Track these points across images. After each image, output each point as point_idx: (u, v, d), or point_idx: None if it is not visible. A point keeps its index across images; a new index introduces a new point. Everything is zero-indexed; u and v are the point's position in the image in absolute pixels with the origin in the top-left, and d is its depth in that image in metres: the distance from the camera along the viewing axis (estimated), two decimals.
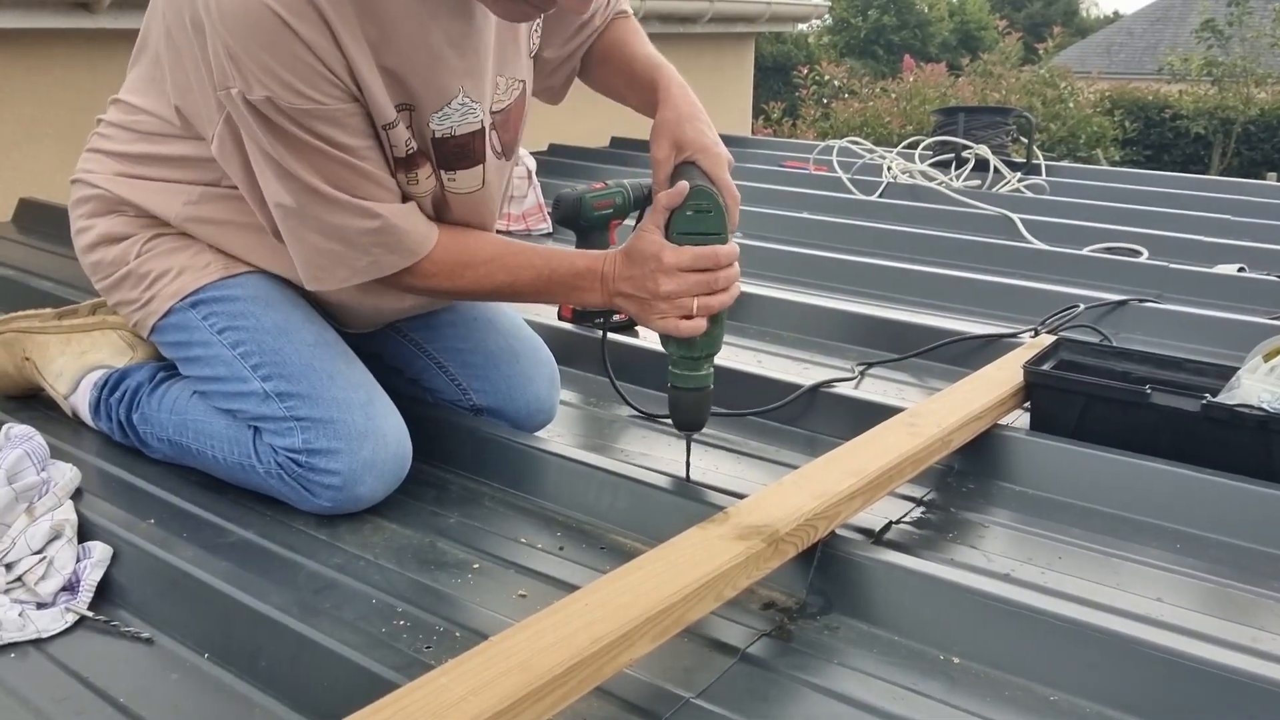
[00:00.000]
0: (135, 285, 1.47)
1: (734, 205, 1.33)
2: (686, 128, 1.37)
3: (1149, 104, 12.54)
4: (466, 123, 1.37)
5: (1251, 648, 1.09)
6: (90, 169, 1.52)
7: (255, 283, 1.43)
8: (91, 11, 2.82)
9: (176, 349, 1.47)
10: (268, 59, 1.19)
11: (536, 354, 1.62)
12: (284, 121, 1.23)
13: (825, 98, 11.04)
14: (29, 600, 1.17)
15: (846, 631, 1.13)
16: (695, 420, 1.35)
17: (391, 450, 1.37)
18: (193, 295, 1.43)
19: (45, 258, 2.56)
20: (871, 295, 2.40)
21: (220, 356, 1.40)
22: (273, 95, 1.21)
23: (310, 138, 1.25)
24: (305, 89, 1.22)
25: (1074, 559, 1.29)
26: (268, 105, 1.22)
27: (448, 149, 1.37)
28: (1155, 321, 2.11)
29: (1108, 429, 1.48)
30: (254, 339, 1.39)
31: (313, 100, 1.23)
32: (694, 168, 1.34)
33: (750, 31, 6.09)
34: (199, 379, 1.44)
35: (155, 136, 1.44)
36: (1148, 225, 2.99)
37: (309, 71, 1.21)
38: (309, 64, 1.21)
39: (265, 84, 1.20)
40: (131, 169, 1.47)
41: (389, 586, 1.19)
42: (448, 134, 1.36)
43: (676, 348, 1.31)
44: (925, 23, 23.24)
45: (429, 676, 0.87)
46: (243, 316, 1.40)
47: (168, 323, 1.45)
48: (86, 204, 1.51)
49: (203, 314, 1.42)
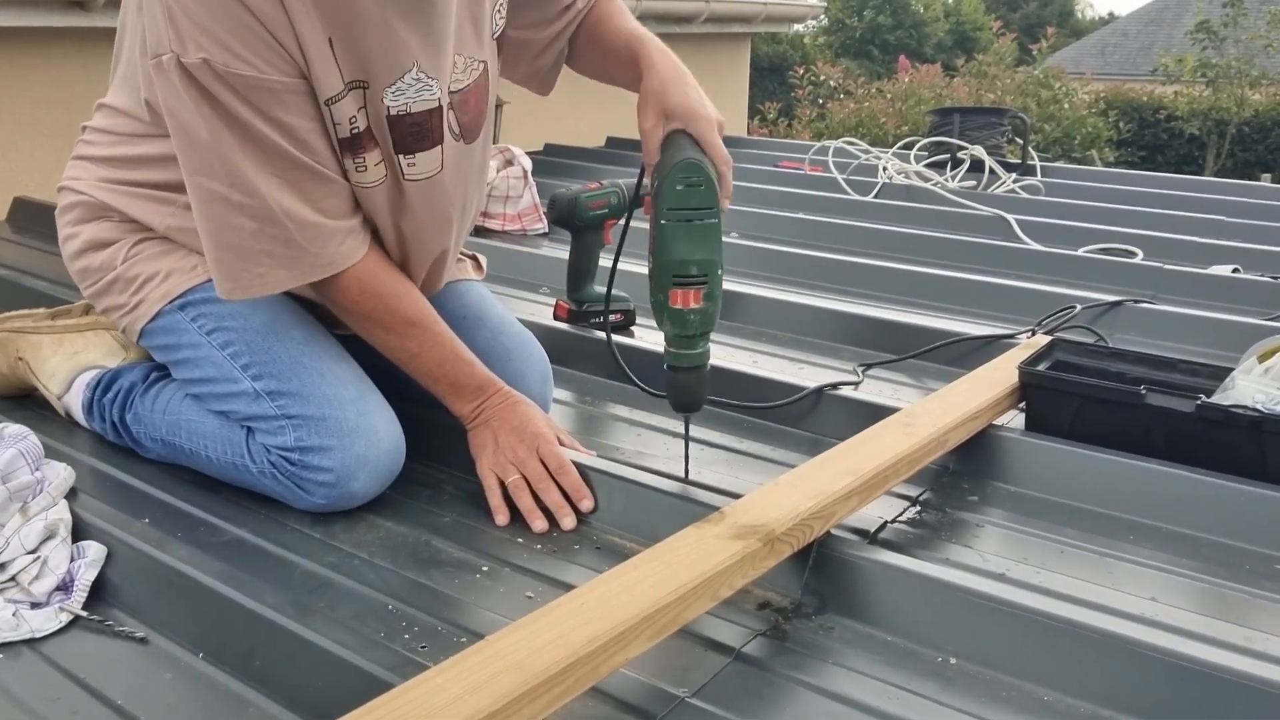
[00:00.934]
0: (123, 290, 1.47)
1: (726, 171, 1.31)
2: (672, 92, 1.34)
3: (1144, 105, 12.56)
4: (422, 99, 1.34)
5: (1245, 647, 1.09)
6: (76, 176, 1.52)
7: None
8: (86, 10, 2.81)
9: (166, 352, 1.46)
10: (207, 19, 1.15)
11: (528, 350, 1.61)
12: (221, 90, 1.18)
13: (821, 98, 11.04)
14: (23, 600, 1.17)
15: (841, 631, 1.13)
16: (693, 400, 1.33)
17: (384, 446, 1.36)
18: (181, 297, 1.43)
19: (39, 257, 2.55)
20: (867, 296, 2.40)
21: (210, 358, 1.40)
22: (209, 57, 1.16)
23: (247, 110, 1.20)
24: (247, 54, 1.17)
25: (1068, 559, 1.29)
26: (204, 70, 1.17)
27: (404, 127, 1.34)
28: (1150, 322, 2.11)
29: (1102, 429, 1.48)
30: (243, 339, 1.39)
31: (254, 68, 1.18)
32: (684, 136, 1.31)
33: (746, 32, 6.10)
34: (189, 381, 1.44)
35: (134, 138, 1.44)
36: (1142, 226, 2.99)
37: (252, 37, 1.17)
38: (253, 29, 1.17)
39: (202, 44, 1.16)
40: (114, 174, 1.47)
41: (384, 585, 1.19)
42: (403, 110, 1.33)
43: (672, 325, 1.28)
44: (920, 23, 23.27)
45: (424, 676, 0.87)
46: (231, 317, 1.40)
47: (156, 326, 1.45)
48: (73, 210, 1.51)
49: (191, 315, 1.42)
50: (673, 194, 1.25)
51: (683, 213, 1.24)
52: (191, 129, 1.22)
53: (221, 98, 1.19)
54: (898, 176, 3.59)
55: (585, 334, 1.98)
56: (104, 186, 1.48)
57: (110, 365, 1.59)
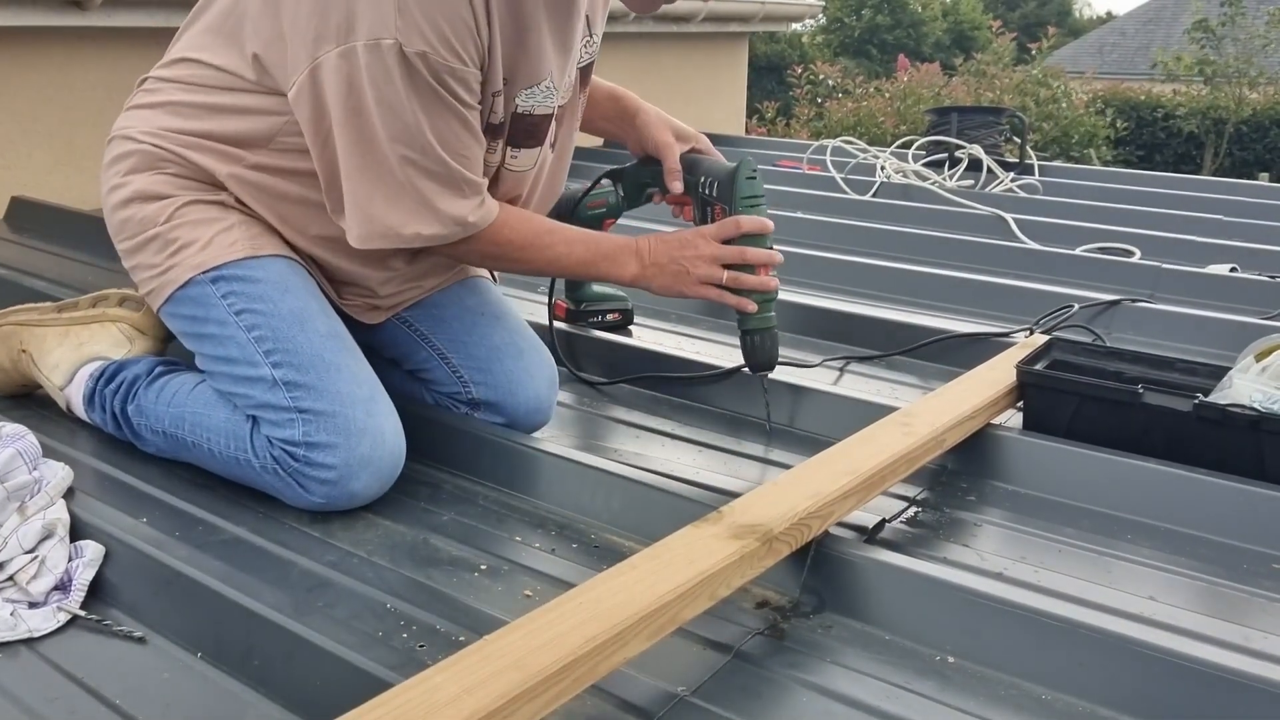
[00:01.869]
0: (160, 250, 1.45)
1: None
2: (675, 123, 1.72)
3: (1142, 104, 12.56)
4: (544, 105, 1.48)
5: (1243, 646, 1.09)
6: (133, 124, 1.49)
7: (278, 267, 1.44)
8: (83, 9, 2.81)
9: (189, 323, 1.45)
10: (439, 18, 1.28)
11: (539, 354, 1.63)
12: (426, 74, 1.30)
13: (819, 97, 11.04)
14: (21, 599, 1.17)
15: (840, 630, 1.13)
16: (769, 359, 1.60)
17: (388, 448, 1.37)
18: (215, 270, 1.42)
19: (37, 256, 2.55)
20: (865, 295, 2.41)
21: (234, 338, 1.40)
22: (429, 51, 1.28)
23: (443, 92, 1.32)
24: (460, 50, 1.31)
25: (1066, 558, 1.29)
26: (420, 59, 1.28)
27: (523, 126, 1.48)
28: (1148, 321, 2.12)
29: (1100, 429, 1.48)
30: (269, 324, 1.39)
31: (460, 60, 1.31)
32: (699, 153, 1.70)
33: (744, 31, 6.09)
34: (207, 358, 1.44)
35: (217, 89, 1.43)
36: (1140, 225, 3.00)
37: (466, 35, 1.30)
38: (469, 28, 1.30)
39: (428, 39, 1.28)
40: (183, 123, 1.46)
41: (383, 584, 1.19)
42: (528, 111, 1.47)
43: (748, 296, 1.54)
44: (919, 22, 23.26)
45: (423, 675, 0.87)
46: (261, 300, 1.40)
47: (185, 294, 1.43)
48: (126, 160, 1.48)
49: (222, 291, 1.41)
50: (745, 185, 1.56)
51: (751, 200, 1.56)
52: (396, 105, 1.31)
53: (428, 80, 1.31)
54: (896, 176, 3.59)
55: (583, 334, 1.99)
56: (166, 134, 1.46)
57: (115, 357, 1.59)
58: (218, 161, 1.44)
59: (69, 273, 2.40)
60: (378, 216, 1.37)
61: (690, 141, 1.71)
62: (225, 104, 1.43)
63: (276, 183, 1.44)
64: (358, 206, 1.37)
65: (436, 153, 1.35)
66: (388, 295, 1.58)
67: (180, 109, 1.46)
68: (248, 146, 1.43)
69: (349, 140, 1.34)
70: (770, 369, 1.61)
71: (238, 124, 1.43)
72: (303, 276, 1.46)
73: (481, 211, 1.43)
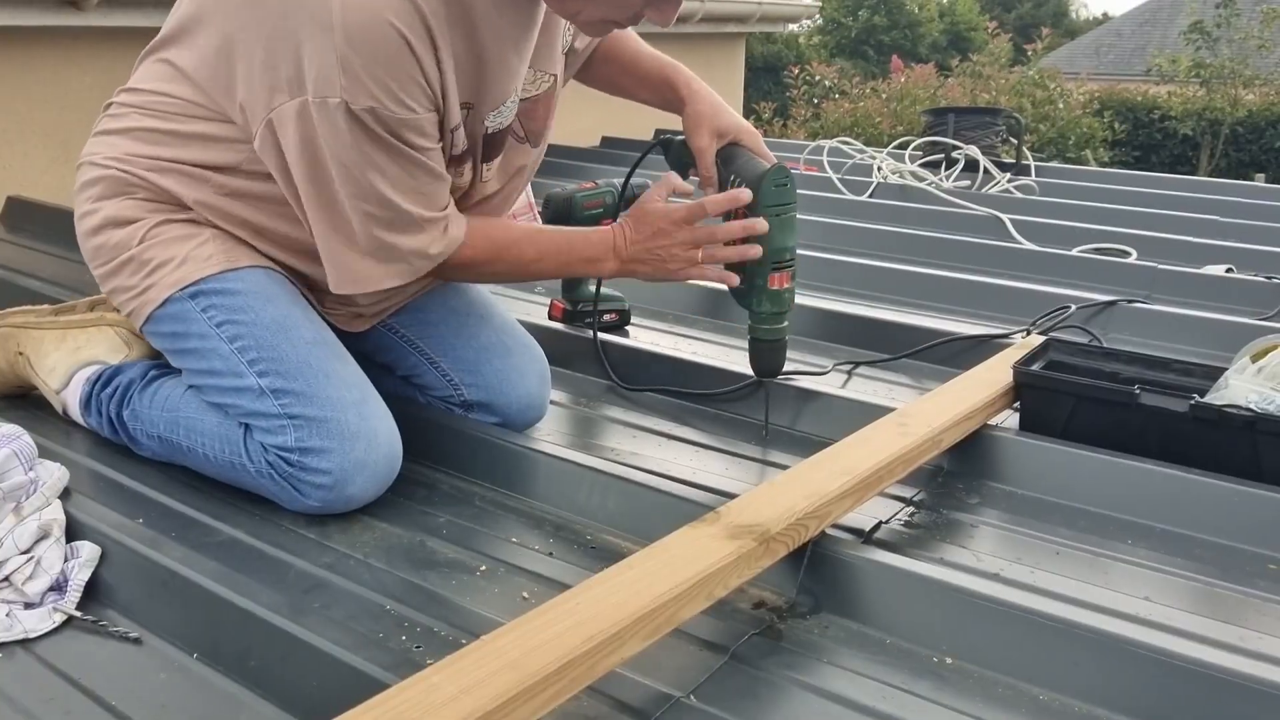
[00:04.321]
0: (135, 272, 1.44)
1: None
2: (721, 114, 1.62)
3: (1138, 105, 12.58)
4: (507, 118, 1.46)
5: (1239, 646, 1.09)
6: (99, 151, 1.48)
7: (256, 277, 1.43)
8: (79, 9, 2.80)
9: (172, 340, 1.45)
10: (383, 74, 1.25)
11: (529, 350, 1.62)
12: (377, 128, 1.28)
13: (816, 98, 11.05)
14: (16, 600, 1.16)
15: (836, 631, 1.13)
16: (776, 367, 1.60)
17: (383, 451, 1.36)
18: (193, 286, 1.41)
19: (33, 256, 2.55)
20: (861, 295, 2.41)
21: (217, 350, 1.39)
22: (378, 106, 1.26)
23: (396, 141, 1.30)
24: (408, 101, 1.28)
25: (1063, 558, 1.29)
26: (369, 115, 1.26)
27: (491, 143, 1.47)
28: (1144, 322, 2.12)
29: (1096, 429, 1.48)
30: (252, 334, 1.38)
31: (409, 110, 1.29)
32: (738, 148, 1.59)
33: (741, 31, 6.10)
34: (193, 372, 1.44)
35: (180, 116, 1.42)
36: (1137, 226, 3.00)
37: (414, 86, 1.28)
38: (416, 80, 1.28)
39: (375, 95, 1.25)
40: (148, 149, 1.44)
41: (380, 586, 1.19)
42: (498, 128, 1.46)
43: (770, 304, 1.54)
44: (915, 23, 23.27)
45: (419, 676, 0.87)
46: (242, 311, 1.40)
47: (164, 313, 1.43)
48: (94, 186, 1.48)
49: (202, 305, 1.41)
50: (771, 193, 1.49)
51: (779, 208, 1.49)
52: (349, 163, 1.30)
53: (379, 133, 1.29)
54: (892, 176, 3.59)
55: (580, 334, 1.98)
56: (133, 160, 1.45)
57: (112, 361, 1.58)
58: (185, 187, 1.43)
59: (65, 272, 2.39)
60: (349, 267, 1.38)
61: (729, 135, 1.61)
62: (191, 131, 1.41)
63: (244, 206, 1.43)
64: (330, 260, 1.38)
65: (395, 204, 1.34)
66: (370, 304, 1.56)
67: (145, 135, 1.45)
68: (216, 170, 1.41)
69: (314, 202, 1.34)
70: (774, 376, 1.62)
71: (203, 152, 1.41)
72: (284, 285, 1.45)
73: (445, 240, 1.42)
